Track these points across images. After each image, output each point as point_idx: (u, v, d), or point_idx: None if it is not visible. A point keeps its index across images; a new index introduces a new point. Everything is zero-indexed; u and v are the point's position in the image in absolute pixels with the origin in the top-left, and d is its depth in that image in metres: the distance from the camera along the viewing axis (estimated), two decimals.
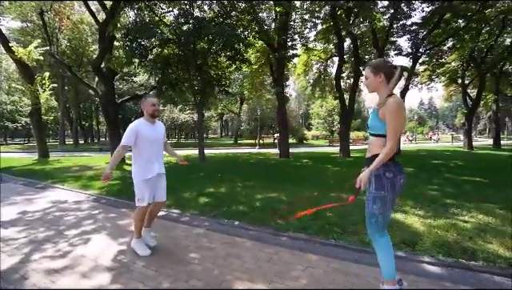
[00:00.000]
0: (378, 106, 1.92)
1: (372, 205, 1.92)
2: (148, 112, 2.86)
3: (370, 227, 1.99)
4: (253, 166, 10.31)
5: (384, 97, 1.89)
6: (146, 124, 2.85)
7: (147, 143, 2.79)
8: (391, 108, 1.81)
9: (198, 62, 10.81)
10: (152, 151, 2.84)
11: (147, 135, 2.79)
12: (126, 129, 2.80)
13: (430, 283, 2.29)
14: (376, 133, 1.94)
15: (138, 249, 2.83)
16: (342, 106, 14.36)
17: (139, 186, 2.79)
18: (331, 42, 16.71)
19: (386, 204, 1.90)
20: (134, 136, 2.74)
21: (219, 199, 5.02)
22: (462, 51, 16.05)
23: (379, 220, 1.92)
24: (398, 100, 1.84)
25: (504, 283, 2.34)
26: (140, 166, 2.79)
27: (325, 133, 38.42)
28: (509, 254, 2.79)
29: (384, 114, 1.85)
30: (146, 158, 2.80)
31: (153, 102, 2.88)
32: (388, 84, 1.92)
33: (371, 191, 1.93)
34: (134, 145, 2.77)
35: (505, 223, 3.67)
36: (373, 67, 1.97)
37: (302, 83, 23.36)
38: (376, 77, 1.95)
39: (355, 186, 1.94)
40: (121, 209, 4.51)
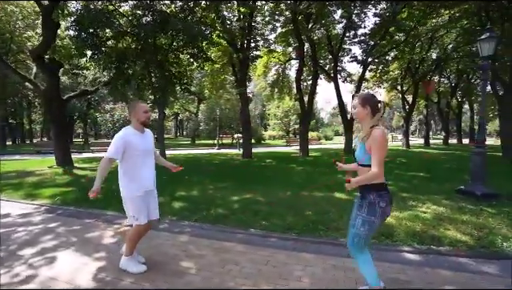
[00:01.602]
0: (363, 138, 2.02)
1: (360, 227, 2.03)
2: (140, 120, 2.50)
3: (353, 246, 2.10)
4: (218, 167, 10.12)
5: (368, 128, 2.02)
6: (136, 133, 2.49)
7: (138, 155, 2.47)
8: (376, 139, 1.92)
9: (159, 57, 10.19)
10: (144, 163, 2.52)
11: (138, 146, 2.45)
12: (113, 139, 2.44)
13: (415, 269, 2.55)
14: (365, 164, 2.04)
15: (132, 267, 2.51)
16: (302, 107, 15.02)
17: (134, 203, 2.47)
18: (290, 46, 17.39)
19: (372, 229, 2.04)
20: (122, 148, 2.39)
21: (195, 202, 4.82)
22: (401, 62, 18.20)
23: (362, 241, 2.05)
24: (381, 132, 1.97)
25: (467, 263, 2.73)
26: (132, 180, 2.46)
27: (281, 133, 39.71)
28: (464, 238, 3.26)
29: (370, 146, 1.95)
30: (137, 171, 2.48)
31: (145, 108, 2.54)
32: (373, 116, 2.05)
33: (362, 215, 2.03)
34: (122, 156, 2.43)
35: (453, 211, 4.27)
36: (361, 99, 2.08)
37: (261, 84, 23.78)
38: (363, 109, 2.05)
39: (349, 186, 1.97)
40: (84, 220, 4.00)
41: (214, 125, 21.91)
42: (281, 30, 15.42)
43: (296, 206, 4.60)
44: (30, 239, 3.30)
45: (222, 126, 25.74)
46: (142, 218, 2.48)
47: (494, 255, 2.85)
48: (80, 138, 29.97)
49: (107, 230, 3.59)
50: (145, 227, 2.54)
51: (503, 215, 4.11)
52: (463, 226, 3.61)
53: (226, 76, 17.09)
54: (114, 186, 6.11)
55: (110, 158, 2.40)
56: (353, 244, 2.09)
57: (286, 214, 4.16)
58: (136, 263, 2.56)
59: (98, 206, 4.63)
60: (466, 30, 15.96)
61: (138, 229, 2.51)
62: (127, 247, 2.55)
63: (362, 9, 13.28)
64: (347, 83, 19.16)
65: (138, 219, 2.48)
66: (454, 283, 2.32)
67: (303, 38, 13.93)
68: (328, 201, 5.01)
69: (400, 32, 14.54)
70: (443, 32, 17.62)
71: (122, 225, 3.77)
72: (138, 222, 2.48)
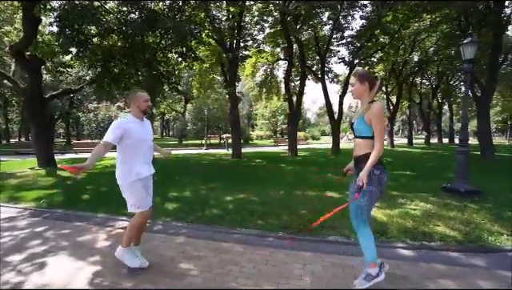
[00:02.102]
0: (363, 111, 2.13)
1: (360, 198, 2.11)
2: (140, 108, 2.52)
3: (356, 218, 2.19)
4: (208, 167, 10.04)
5: (367, 103, 2.13)
6: (135, 121, 2.49)
7: (138, 143, 2.46)
8: (376, 112, 2.06)
9: (146, 56, 9.97)
10: (143, 151, 2.51)
11: (138, 134, 2.45)
12: (111, 125, 2.40)
13: (410, 265, 2.64)
14: (362, 135, 2.15)
15: (127, 259, 2.46)
16: (291, 107, 15.15)
17: (133, 188, 2.43)
18: (279, 46, 17.50)
19: (372, 198, 2.13)
20: (120, 134, 2.35)
21: (188, 203, 4.75)
22: (386, 63, 18.75)
23: (364, 212, 2.14)
24: (379, 105, 2.11)
25: (458, 257, 2.86)
26: (130, 167, 2.44)
27: (268, 133, 39.91)
28: (453, 233, 3.40)
29: (369, 119, 2.07)
30: (135, 158, 2.46)
31: (146, 97, 2.56)
32: (370, 92, 2.14)
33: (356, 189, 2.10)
34: (121, 145, 2.40)
35: (441, 208, 4.45)
36: (359, 76, 2.19)
37: (249, 84, 23.77)
38: (361, 85, 2.17)
39: (358, 184, 2.07)
40: (74, 223, 3.85)
41: (202, 125, 21.68)
42: (269, 30, 15.51)
43: (290, 205, 4.64)
44: (17, 244, 3.14)
45: (210, 126, 25.53)
46: (143, 205, 2.47)
47: (481, 249, 2.99)
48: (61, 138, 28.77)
49: (100, 233, 3.48)
50: (147, 215, 2.53)
51: (486, 210, 4.33)
52: (451, 222, 3.77)
53: (214, 76, 16.95)
54: (104, 188, 5.99)
55: (106, 142, 2.34)
56: (356, 217, 2.17)
57: (281, 213, 4.18)
58: (133, 257, 2.50)
59: (88, 208, 4.48)
60: (445, 34, 16.67)
61: (139, 218, 2.48)
62: (125, 237, 2.50)
63: (349, 11, 13.56)
64: (334, 84, 19.60)
65: (140, 206, 2.46)
66: (447, 277, 2.42)
67: (291, 39, 14.06)
68: (321, 200, 5.08)
69: (385, 35, 14.96)
70: (425, 36, 18.31)
71: (114, 227, 3.68)
72: (140, 210, 2.46)
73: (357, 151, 2.20)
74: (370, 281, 2.13)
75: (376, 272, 2.15)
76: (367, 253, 2.17)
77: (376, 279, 2.14)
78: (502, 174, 8.06)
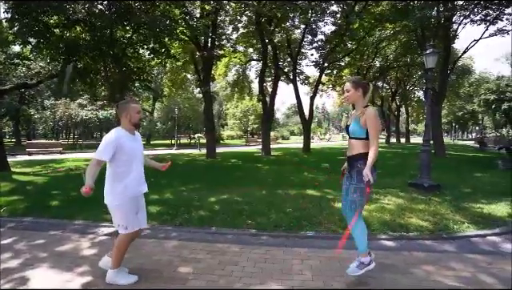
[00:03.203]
0: (358, 115, 2.31)
1: (353, 194, 2.29)
2: (132, 121, 2.36)
3: (350, 212, 2.35)
4: (184, 168, 9.78)
5: (361, 107, 2.32)
6: (127, 135, 2.34)
7: (129, 158, 2.32)
8: (371, 116, 2.23)
9: (115, 51, 9.41)
10: (134, 166, 2.37)
11: (129, 149, 2.31)
12: (103, 140, 2.27)
13: (395, 254, 2.91)
14: (357, 136, 2.32)
15: (121, 280, 2.32)
16: (264, 108, 15.37)
17: (123, 209, 2.30)
18: (252, 47, 17.64)
19: (363, 194, 2.32)
20: (113, 150, 2.22)
21: (172, 206, 4.63)
22: (352, 68, 19.92)
23: (358, 206, 2.32)
24: (374, 110, 2.31)
25: (432, 244, 3.21)
26: (121, 184, 2.29)
27: (239, 133, 39.93)
28: (425, 224, 3.80)
29: (365, 122, 2.25)
30: (128, 175, 2.33)
31: (138, 108, 2.40)
32: (364, 98, 2.33)
33: (353, 183, 2.29)
34: (112, 160, 2.26)
35: (410, 202, 4.91)
36: (353, 83, 2.37)
37: (221, 84, 23.60)
38: (356, 91, 2.34)
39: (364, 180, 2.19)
40: (48, 232, 3.54)
41: (172, 124, 20.97)
42: (242, 30, 15.56)
43: (275, 204, 4.76)
44: None
45: (180, 125, 24.81)
46: (130, 226, 2.33)
47: (450, 237, 3.39)
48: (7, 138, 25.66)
49: (82, 241, 3.24)
50: (133, 236, 2.40)
51: (447, 202, 4.88)
52: (421, 214, 4.19)
53: (186, 74, 16.52)
54: (73, 193, 5.54)
55: (99, 160, 2.22)
56: (350, 210, 2.34)
57: (268, 212, 4.28)
58: (125, 275, 2.39)
59: (62, 215, 4.14)
60: (404, 43, 18.25)
61: (126, 238, 2.34)
62: (114, 259, 2.36)
63: (320, 18, 14.18)
64: (305, 85, 20.34)
65: (127, 227, 2.32)
66: (427, 263, 2.71)
67: (266, 41, 14.26)
68: (303, 198, 5.28)
69: (352, 40, 15.88)
70: (385, 44, 19.85)
71: (97, 235, 3.46)
72: (127, 231, 2.32)
73: (351, 151, 2.36)
74: (363, 269, 2.31)
75: (368, 261, 2.33)
76: (360, 244, 2.34)
77: (368, 267, 2.32)
78: (454, 170, 9.09)
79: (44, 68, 12.08)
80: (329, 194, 5.59)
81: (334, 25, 14.31)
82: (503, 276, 2.45)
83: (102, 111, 19.98)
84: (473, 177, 7.90)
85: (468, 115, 42.05)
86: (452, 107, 38.99)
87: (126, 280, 2.34)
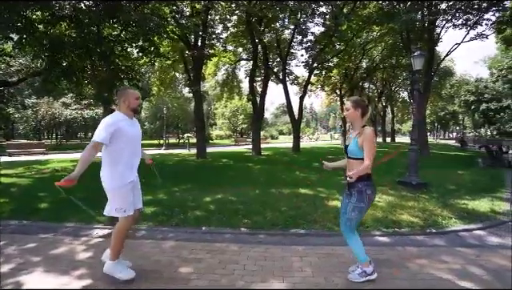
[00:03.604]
0: (356, 135, 2.36)
1: (351, 213, 2.35)
2: (131, 106, 2.38)
3: (346, 228, 2.42)
4: (175, 168, 9.67)
5: (359, 127, 2.37)
6: (126, 119, 2.36)
7: (128, 142, 2.32)
8: (368, 136, 2.26)
9: (103, 48, 9.17)
10: (133, 152, 2.39)
11: (127, 133, 2.31)
12: (101, 123, 2.25)
13: (389, 249, 3.01)
14: (355, 157, 2.35)
15: (119, 272, 2.31)
16: (255, 107, 15.41)
17: (122, 193, 2.30)
18: (242, 47, 17.64)
19: (361, 213, 2.40)
20: (111, 133, 2.21)
21: (167, 206, 4.58)
22: (340, 69, 20.30)
23: (353, 224, 2.39)
24: (371, 130, 2.34)
25: (423, 239, 3.35)
26: (119, 168, 2.30)
27: (228, 132, 39.80)
28: (415, 220, 3.94)
29: (362, 142, 2.28)
30: (125, 159, 2.33)
31: (137, 95, 2.43)
32: (362, 118, 2.39)
33: (352, 202, 2.34)
34: (110, 144, 2.24)
35: (400, 199, 5.08)
36: (354, 102, 2.40)
37: (210, 83, 23.44)
38: (355, 110, 2.38)
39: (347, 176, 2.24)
40: (39, 235, 3.42)
41: (161, 124, 20.63)
42: (232, 30, 15.53)
43: (269, 203, 4.80)
44: None
45: (169, 125, 24.45)
46: (130, 208, 2.35)
47: (439, 232, 3.54)
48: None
49: (75, 244, 3.16)
50: (132, 219, 2.41)
51: (434, 199, 5.09)
52: (411, 210, 4.35)
53: (175, 73, 16.30)
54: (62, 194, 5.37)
55: (98, 142, 2.19)
56: (345, 227, 2.41)
57: (263, 211, 4.31)
58: (124, 268, 2.37)
59: (52, 218, 4.01)
60: (389, 45, 18.77)
61: (125, 222, 2.35)
62: (113, 250, 2.35)
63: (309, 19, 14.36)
64: (294, 85, 20.50)
65: (127, 210, 2.33)
66: (421, 257, 2.83)
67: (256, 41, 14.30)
68: (296, 196, 5.35)
69: (341, 41, 16.17)
70: (372, 45, 20.35)
71: (92, 237, 3.39)
72: (126, 213, 2.33)
73: (349, 171, 2.36)
74: (364, 277, 2.37)
75: (371, 271, 2.39)
76: (359, 255, 2.40)
77: (370, 277, 2.37)
78: (438, 168, 9.45)
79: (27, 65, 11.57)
80: (322, 192, 5.69)
81: (323, 26, 14.52)
82: (490, 268, 2.60)
83: (87, 111, 19.38)
84: (456, 175, 8.25)
85: (449, 116, 43.77)
86: (434, 108, 40.42)
87: (123, 274, 2.32)
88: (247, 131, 38.15)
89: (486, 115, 34.16)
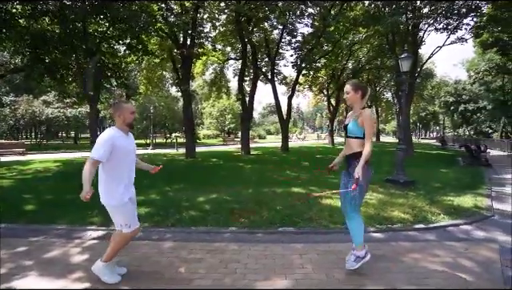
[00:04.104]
0: (356, 115, 2.46)
1: (352, 191, 2.41)
2: (126, 121, 2.34)
3: (350, 207, 2.49)
4: (166, 168, 9.50)
5: (359, 109, 2.47)
6: (122, 135, 2.32)
7: (124, 158, 2.30)
8: (368, 117, 2.40)
9: (89, 45, 8.89)
10: (129, 166, 2.37)
11: (124, 149, 2.29)
12: (98, 140, 2.22)
13: (384, 245, 3.11)
14: (355, 136, 2.47)
15: (106, 275, 2.29)
16: (244, 107, 15.40)
17: (124, 209, 2.29)
18: (231, 46, 17.57)
19: (362, 191, 2.49)
20: (109, 149, 2.18)
21: (161, 207, 4.51)
22: (328, 69, 20.64)
23: (357, 202, 2.48)
24: (370, 111, 2.48)
25: (415, 235, 3.49)
26: (117, 186, 2.27)
27: (216, 132, 39.52)
28: (406, 216, 4.09)
29: (362, 122, 2.41)
30: (122, 175, 2.30)
31: (132, 109, 2.40)
32: (362, 100, 2.49)
33: (352, 180, 2.40)
34: (107, 160, 2.21)
35: (390, 197, 5.24)
36: (354, 85, 2.52)
37: (198, 82, 23.20)
38: (355, 93, 2.49)
39: (355, 177, 2.36)
40: (28, 239, 3.28)
41: (147, 124, 20.20)
42: (221, 29, 15.44)
43: (264, 202, 4.82)
44: None
45: (155, 124, 23.99)
46: (134, 222, 2.35)
47: (429, 227, 3.70)
48: None
49: (69, 247, 3.05)
50: (137, 231, 2.42)
51: (422, 196, 5.29)
52: (401, 207, 4.50)
53: (163, 72, 16.01)
54: (48, 195, 5.17)
55: (95, 160, 2.17)
56: (350, 206, 2.48)
57: (259, 210, 4.33)
58: (113, 273, 2.35)
59: (41, 220, 3.86)
60: (375, 47, 19.27)
61: (128, 235, 2.34)
62: (109, 253, 2.32)
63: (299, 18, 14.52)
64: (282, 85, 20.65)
65: (131, 225, 2.32)
66: (414, 251, 2.94)
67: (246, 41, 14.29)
68: (290, 195, 5.41)
69: (328, 42, 16.43)
70: (358, 47, 20.82)
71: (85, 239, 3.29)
72: (131, 229, 2.32)
73: (349, 150, 2.51)
74: (359, 262, 2.46)
75: (363, 254, 2.48)
76: (356, 237, 2.49)
77: (364, 260, 2.46)
78: (422, 166, 9.81)
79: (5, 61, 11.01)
80: (314, 191, 5.77)
81: (311, 27, 14.72)
82: (479, 260, 2.74)
83: (70, 109, 18.65)
84: (439, 173, 8.61)
85: (430, 116, 45.49)
86: (416, 108, 41.86)
87: (111, 278, 2.30)
88: (235, 131, 38.03)
89: (464, 116, 35.80)
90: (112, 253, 2.32)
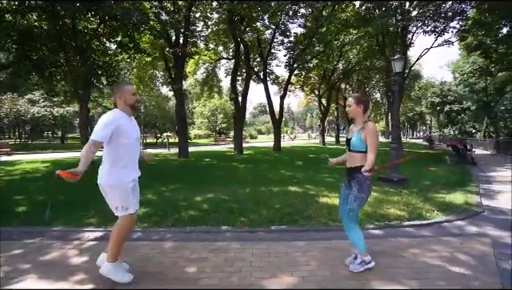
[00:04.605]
0: (359, 129, 2.46)
1: (353, 203, 2.46)
2: (127, 102, 2.32)
3: (347, 219, 2.53)
4: (159, 169, 9.38)
5: (361, 122, 2.48)
6: (124, 117, 2.29)
7: (127, 140, 2.26)
8: (371, 131, 2.39)
9: (79, 43, 8.66)
10: (132, 148, 2.33)
11: (127, 131, 2.26)
12: (99, 122, 2.17)
13: (383, 241, 3.19)
14: (358, 150, 2.46)
15: (117, 275, 2.23)
16: (237, 107, 15.37)
17: (123, 192, 2.23)
18: (224, 45, 17.51)
19: (362, 203, 2.54)
20: (111, 131, 2.15)
21: (159, 207, 4.45)
22: (319, 70, 20.87)
23: (355, 214, 2.53)
24: (373, 125, 2.47)
25: (412, 231, 3.58)
26: (121, 167, 2.25)
27: (207, 132, 39.28)
28: (402, 213, 4.19)
29: (365, 136, 2.41)
30: (125, 158, 2.27)
31: (133, 90, 2.38)
32: (364, 114, 2.51)
33: (353, 193, 2.45)
34: (109, 142, 2.18)
35: (385, 194, 5.36)
36: (356, 99, 2.52)
37: (190, 82, 22.98)
38: (357, 107, 2.49)
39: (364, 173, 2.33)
40: (23, 241, 3.18)
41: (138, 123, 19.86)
42: (213, 28, 15.36)
43: (262, 201, 4.84)
44: None
45: (146, 124, 23.63)
46: (131, 206, 2.30)
47: (425, 223, 3.81)
48: None
49: (67, 249, 2.98)
50: (134, 217, 2.38)
51: (415, 194, 5.43)
52: (396, 205, 4.62)
53: (155, 71, 15.78)
54: (39, 197, 5.01)
55: (96, 141, 2.12)
56: (348, 217, 2.52)
57: (258, 209, 4.34)
58: (123, 271, 2.29)
59: (33, 222, 3.74)
60: (365, 48, 19.62)
61: (127, 221, 2.29)
62: (112, 251, 2.26)
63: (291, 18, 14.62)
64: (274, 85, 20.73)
65: (128, 207, 2.27)
66: (412, 247, 3.02)
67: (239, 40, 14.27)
68: (287, 194, 5.46)
69: (320, 43, 16.62)
70: (349, 48, 21.15)
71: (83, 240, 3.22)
72: (128, 211, 2.27)
73: (351, 163, 2.50)
74: (364, 266, 2.49)
75: (369, 259, 2.51)
76: (358, 245, 2.52)
77: (368, 265, 2.49)
78: (413, 165, 10.05)
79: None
80: (310, 190, 5.85)
81: (304, 27, 14.85)
82: (475, 254, 2.85)
83: (57, 108, 18.07)
84: (429, 171, 8.86)
85: (417, 116, 46.71)
86: (404, 108, 42.92)
87: (122, 277, 2.24)
88: (227, 131, 37.90)
89: (449, 116, 36.94)
90: (115, 249, 2.26)
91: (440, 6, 13.23)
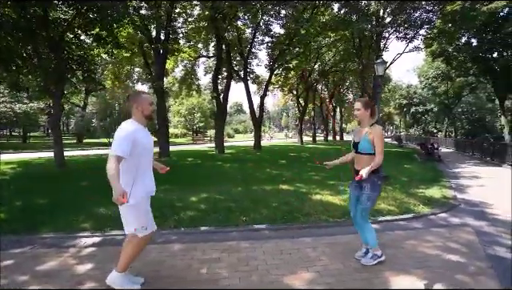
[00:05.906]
0: (366, 132, 2.59)
1: (366, 202, 2.60)
2: (145, 113, 2.19)
3: (361, 218, 2.67)
4: None
5: (368, 125, 2.61)
6: (142, 128, 2.18)
7: (143, 153, 2.15)
8: (378, 133, 2.54)
9: (51, 34, 8.04)
10: (147, 162, 2.24)
11: (143, 143, 2.14)
12: (118, 135, 2.03)
13: (382, 234, 3.38)
14: (366, 152, 2.59)
15: (123, 285, 2.15)
16: (218, 106, 15.22)
17: (140, 210, 2.13)
18: (204, 43, 17.22)
19: (374, 202, 2.70)
20: (131, 144, 2.02)
21: (153, 208, 4.22)
22: (297, 70, 21.32)
23: (368, 212, 2.68)
24: (380, 128, 2.62)
25: (405, 224, 3.84)
26: (137, 182, 2.11)
27: (184, 131, 38.35)
28: (392, 208, 4.47)
29: (373, 138, 2.54)
30: (142, 171, 2.16)
31: (151, 100, 2.24)
32: (371, 118, 2.65)
33: (366, 192, 2.58)
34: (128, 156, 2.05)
35: None
36: (364, 103, 2.65)
37: (168, 79, 22.25)
38: (365, 111, 2.63)
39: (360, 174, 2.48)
40: (14, 250, 2.92)
41: (112, 122, 18.80)
42: (194, 25, 15.05)
43: (259, 199, 4.88)
44: None
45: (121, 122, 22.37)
46: (150, 225, 2.24)
47: (414, 217, 4.10)
48: None
49: (64, 256, 2.78)
50: (151, 235, 2.30)
51: (399, 190, 5.79)
52: (386, 200, 4.90)
53: (132, 67, 15.07)
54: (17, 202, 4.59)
55: (118, 156, 1.99)
56: (361, 217, 2.66)
57: (257, 208, 4.37)
58: (129, 282, 2.21)
59: (18, 230, 3.43)
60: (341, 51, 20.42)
61: (146, 239, 2.24)
62: (124, 262, 2.18)
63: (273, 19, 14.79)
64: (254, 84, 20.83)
65: (148, 227, 2.20)
66: (409, 238, 3.26)
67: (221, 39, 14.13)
68: (281, 192, 5.55)
69: (300, 44, 16.99)
70: (325, 50, 21.88)
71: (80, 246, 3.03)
72: (147, 231, 2.20)
73: (359, 165, 2.61)
74: (376, 260, 2.64)
75: (380, 253, 2.67)
76: (371, 241, 2.66)
77: (380, 259, 2.65)
78: (388, 163, 10.67)
79: None
80: (301, 188, 5.99)
81: (284, 28, 15.10)
82: (463, 242, 3.14)
83: (19, 104, 16.48)
84: (404, 168, 9.48)
85: (386, 116, 49.57)
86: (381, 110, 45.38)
87: (130, 287, 2.17)
88: (204, 130, 37.29)
89: (415, 117, 39.75)
90: (127, 261, 2.17)
91: (410, 15, 14.19)
